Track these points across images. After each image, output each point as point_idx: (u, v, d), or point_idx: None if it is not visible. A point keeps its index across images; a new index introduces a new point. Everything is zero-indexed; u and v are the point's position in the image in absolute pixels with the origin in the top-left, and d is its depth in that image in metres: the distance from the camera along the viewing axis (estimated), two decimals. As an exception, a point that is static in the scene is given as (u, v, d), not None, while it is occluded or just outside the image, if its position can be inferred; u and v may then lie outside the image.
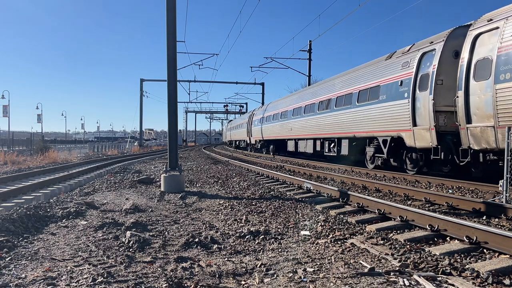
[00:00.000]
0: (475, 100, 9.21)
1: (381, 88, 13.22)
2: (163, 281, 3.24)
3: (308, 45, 32.48)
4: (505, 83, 8.35)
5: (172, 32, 9.39)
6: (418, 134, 11.20)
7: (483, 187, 8.66)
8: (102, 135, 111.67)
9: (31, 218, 5.54)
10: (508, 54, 8.33)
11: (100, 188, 9.77)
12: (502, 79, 8.46)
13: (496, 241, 4.08)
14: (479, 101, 9.08)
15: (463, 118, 9.53)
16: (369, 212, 6.26)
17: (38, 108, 58.46)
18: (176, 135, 9.75)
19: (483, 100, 8.95)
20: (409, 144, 11.70)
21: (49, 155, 22.55)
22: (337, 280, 3.25)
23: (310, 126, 20.01)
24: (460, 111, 9.63)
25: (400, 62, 12.51)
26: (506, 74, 8.41)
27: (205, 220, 5.87)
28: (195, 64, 37.70)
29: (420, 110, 11.16)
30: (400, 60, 12.53)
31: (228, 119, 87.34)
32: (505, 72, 8.43)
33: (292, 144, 23.26)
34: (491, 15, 9.32)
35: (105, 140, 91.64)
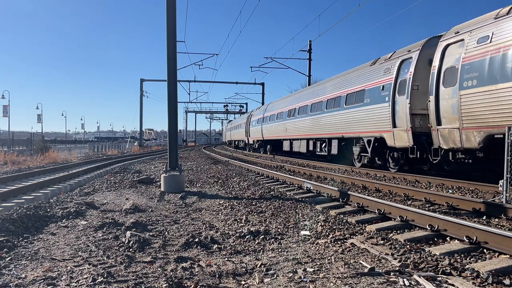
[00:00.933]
0: (444, 104, 10.11)
1: (366, 92, 14.16)
2: (163, 281, 3.24)
3: (308, 45, 32.49)
4: (468, 90, 9.24)
5: (172, 32, 9.39)
6: (397, 135, 12.15)
7: (483, 187, 8.66)
8: (102, 135, 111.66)
9: (31, 218, 5.54)
10: (471, 63, 9.21)
11: (100, 188, 9.77)
12: (465, 86, 9.33)
13: (496, 241, 4.08)
14: (447, 105, 9.98)
15: (434, 120, 10.42)
16: (369, 212, 6.26)
17: (38, 108, 58.56)
18: (176, 135, 9.75)
19: (450, 104, 9.86)
20: (390, 144, 12.60)
21: (49, 155, 22.55)
22: (337, 280, 3.25)
23: (303, 127, 20.99)
24: (431, 114, 10.52)
25: (382, 68, 13.48)
26: (468, 81, 9.26)
27: (205, 220, 5.87)
28: (195, 64, 37.74)
29: (399, 113, 12.12)
30: (383, 66, 13.50)
31: (228, 119, 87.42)
32: (467, 80, 9.28)
33: (287, 144, 24.14)
34: (458, 28, 10.21)
35: (105, 140, 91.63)
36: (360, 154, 14.96)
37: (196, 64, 37.60)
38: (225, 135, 70.10)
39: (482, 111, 8.91)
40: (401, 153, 12.49)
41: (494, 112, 8.63)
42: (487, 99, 8.80)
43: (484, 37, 9.06)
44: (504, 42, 8.47)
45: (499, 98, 8.47)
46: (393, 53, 13.46)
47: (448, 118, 9.96)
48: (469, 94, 9.21)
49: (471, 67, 9.19)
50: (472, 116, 9.14)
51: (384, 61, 13.64)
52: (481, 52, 9.02)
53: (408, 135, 11.60)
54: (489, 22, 9.17)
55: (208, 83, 79.37)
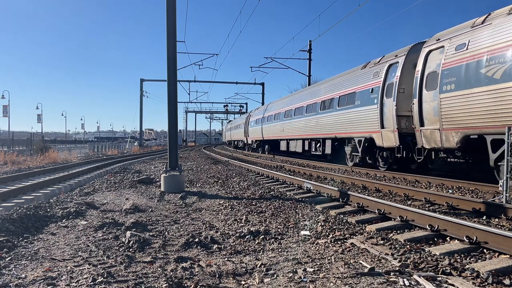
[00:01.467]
0: (426, 107, 10.78)
1: (357, 94, 14.83)
2: (163, 281, 3.24)
3: (308, 45, 32.49)
4: (447, 93, 9.87)
5: (172, 32, 9.39)
6: (385, 135, 12.82)
7: (483, 187, 8.66)
8: (102, 135, 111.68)
9: (31, 218, 5.54)
10: (450, 69, 9.84)
11: (100, 188, 9.77)
12: (445, 89, 9.96)
13: (496, 241, 4.08)
14: (429, 107, 10.63)
15: (417, 121, 11.07)
16: (369, 212, 6.26)
17: (38, 108, 58.51)
18: (176, 135, 9.75)
19: (432, 107, 10.51)
20: (378, 144, 13.26)
21: (49, 155, 22.54)
22: (337, 280, 3.25)
23: (299, 127, 21.69)
24: (415, 115, 11.18)
25: (372, 72, 14.14)
26: (447, 85, 9.88)
27: (205, 220, 5.87)
28: (195, 64, 37.74)
29: (386, 114, 12.80)
30: (372, 70, 14.15)
31: (228, 119, 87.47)
32: (447, 84, 9.92)
33: (284, 144, 24.88)
34: (439, 35, 10.90)
35: (105, 140, 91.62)
36: (351, 154, 15.56)
37: (196, 64, 37.64)
38: (225, 135, 70.31)
39: (459, 114, 9.56)
40: (389, 153, 13.12)
41: (469, 114, 9.27)
42: (463, 102, 9.41)
43: (462, 44, 9.69)
44: (479, 49, 9.09)
45: (474, 102, 9.08)
46: (382, 58, 14.09)
47: (430, 119, 10.59)
48: (448, 97, 9.85)
49: (450, 72, 9.82)
50: (451, 118, 9.78)
51: (373, 65, 14.29)
52: (459, 59, 9.64)
53: (395, 136, 12.26)
54: (466, 31, 9.78)
55: (208, 83, 79.43)
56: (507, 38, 8.43)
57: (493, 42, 8.76)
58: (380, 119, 13.00)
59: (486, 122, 8.79)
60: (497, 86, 8.49)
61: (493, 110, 8.62)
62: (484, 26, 9.21)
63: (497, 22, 8.91)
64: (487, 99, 8.74)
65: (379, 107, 13.06)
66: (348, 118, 15.38)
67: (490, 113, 8.69)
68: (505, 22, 8.67)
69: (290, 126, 23.41)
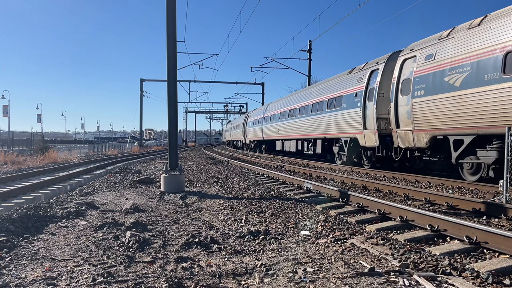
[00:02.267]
0: (401, 110, 11.86)
1: (343, 97, 15.99)
2: (163, 281, 3.24)
3: (308, 45, 32.49)
4: (418, 98, 10.97)
5: (172, 33, 9.39)
6: (367, 136, 13.94)
7: (483, 187, 8.66)
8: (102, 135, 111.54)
9: (31, 218, 5.54)
10: (421, 76, 10.95)
11: (100, 188, 9.77)
12: (416, 95, 11.04)
13: (496, 241, 4.08)
14: (404, 111, 11.72)
15: (394, 123, 12.21)
16: (369, 212, 6.26)
17: (38, 108, 58.53)
18: (176, 135, 9.74)
19: (406, 110, 11.59)
20: (362, 144, 14.38)
21: (49, 155, 22.54)
22: (337, 280, 3.25)
23: (293, 128, 22.84)
24: (392, 118, 12.29)
25: (356, 77, 15.25)
26: (418, 91, 10.98)
27: (205, 220, 5.87)
28: (195, 64, 37.70)
29: (368, 117, 13.86)
30: (356, 76, 15.25)
31: (228, 119, 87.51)
32: (417, 90, 11.02)
33: (280, 144, 26.13)
34: (413, 45, 11.97)
35: (105, 140, 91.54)
36: (339, 153, 16.74)
37: (196, 64, 37.59)
38: (224, 135, 70.73)
39: (428, 117, 10.67)
40: (372, 152, 14.12)
41: (436, 117, 10.38)
42: (431, 107, 10.50)
43: (430, 54, 10.80)
44: (443, 60, 10.18)
45: (439, 106, 10.17)
46: (365, 64, 15.21)
47: (404, 122, 11.70)
48: (418, 102, 10.96)
49: (420, 79, 10.95)
50: (421, 121, 10.91)
51: (358, 71, 15.40)
52: (428, 67, 10.75)
53: (375, 136, 13.38)
54: (434, 42, 10.85)
55: (208, 83, 79.22)
56: (465, 51, 9.50)
57: (454, 54, 9.85)
58: (363, 121, 14.11)
59: (449, 124, 9.93)
60: (457, 93, 9.57)
61: (454, 114, 9.72)
62: (448, 39, 10.30)
63: (458, 36, 9.99)
64: (449, 104, 9.82)
65: (361, 110, 14.18)
66: (336, 120, 16.53)
67: (452, 116, 9.78)
68: (464, 37, 9.75)
69: (284, 127, 24.59)
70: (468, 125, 9.30)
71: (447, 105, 9.88)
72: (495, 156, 8.76)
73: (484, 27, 9.20)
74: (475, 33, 9.40)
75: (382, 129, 13.19)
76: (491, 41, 8.83)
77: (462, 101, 9.40)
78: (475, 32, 9.41)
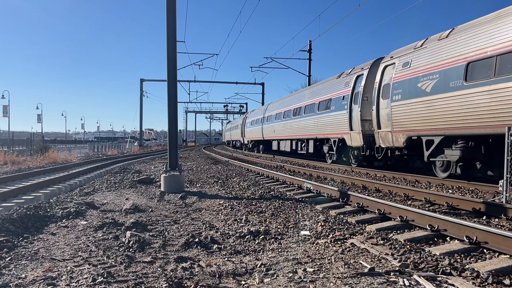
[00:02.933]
0: (382, 113, 12.85)
1: (332, 100, 17.04)
2: (163, 281, 3.24)
3: (308, 45, 32.47)
4: (396, 102, 11.96)
5: (172, 33, 9.39)
6: (353, 136, 14.91)
7: (483, 187, 8.66)
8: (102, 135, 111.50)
9: (31, 218, 5.54)
10: (399, 82, 11.93)
11: (100, 188, 9.77)
12: (394, 99, 12.02)
13: (496, 241, 4.08)
14: (384, 113, 12.69)
15: (375, 125, 13.19)
16: (369, 212, 6.26)
17: (38, 108, 58.47)
18: (176, 135, 9.74)
19: (386, 113, 12.55)
20: (348, 144, 15.37)
21: (49, 155, 22.53)
22: (337, 280, 3.25)
23: (287, 129, 23.89)
24: (374, 120, 13.26)
25: (343, 81, 16.31)
26: (396, 96, 11.94)
27: (205, 220, 5.87)
28: (195, 64, 37.67)
29: (354, 118, 14.82)
30: (344, 80, 16.33)
31: (228, 119, 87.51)
32: (396, 95, 11.98)
33: (276, 144, 27.18)
34: (393, 53, 13.00)
35: (105, 140, 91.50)
36: (328, 152, 17.82)
37: (196, 64, 37.57)
38: (224, 136, 71.10)
39: (404, 119, 11.66)
40: (358, 151, 14.92)
41: (411, 119, 11.37)
42: (406, 110, 11.52)
43: (406, 62, 11.82)
44: (417, 68, 11.17)
45: (413, 110, 11.15)
46: (352, 69, 16.20)
47: (385, 123, 12.69)
48: (396, 105, 11.93)
49: (398, 84, 11.94)
50: (399, 122, 11.89)
51: (345, 76, 16.49)
52: (404, 74, 11.74)
53: (360, 137, 14.34)
54: (410, 51, 11.84)
55: (208, 83, 79.12)
56: (435, 60, 10.45)
57: (426, 62, 10.81)
58: (349, 122, 15.07)
59: (422, 126, 10.90)
60: (428, 98, 10.53)
61: (425, 117, 10.67)
62: (422, 49, 11.30)
63: (430, 46, 10.98)
64: (422, 108, 10.79)
65: (348, 112, 15.15)
66: (325, 121, 17.59)
67: (424, 119, 10.74)
68: (435, 47, 10.72)
69: (280, 128, 25.70)
70: (437, 127, 10.30)
71: (420, 109, 10.89)
72: (459, 154, 9.78)
73: (450, 39, 10.21)
74: (443, 45, 10.42)
75: (366, 130, 14.11)
76: (456, 52, 9.77)
77: (432, 105, 10.40)
78: (444, 43, 10.44)
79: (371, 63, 14.44)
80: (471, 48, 9.27)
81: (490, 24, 8.99)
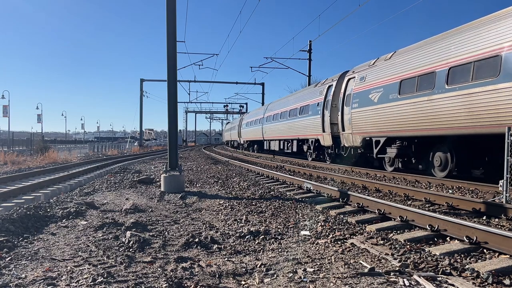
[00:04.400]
0: (345, 118, 15.43)
1: (310, 106, 19.85)
2: (163, 281, 3.24)
3: (308, 45, 32.47)
4: (355, 109, 14.59)
5: (172, 33, 9.39)
6: (325, 137, 17.87)
7: (483, 187, 8.66)
8: (102, 135, 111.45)
9: (31, 218, 5.54)
10: (357, 93, 14.60)
11: (100, 188, 9.77)
12: (354, 107, 14.66)
13: (496, 241, 4.08)
14: (347, 118, 15.31)
15: (340, 128, 15.87)
16: (369, 212, 6.26)
17: (38, 108, 58.38)
18: (176, 135, 9.74)
19: (348, 118, 15.18)
20: (322, 144, 18.35)
21: (49, 155, 22.53)
22: (337, 280, 3.25)
23: (275, 130, 26.89)
24: (339, 123, 15.96)
25: (318, 90, 19.31)
26: (355, 104, 14.61)
27: (205, 220, 5.87)
28: (195, 64, 37.68)
29: (325, 122, 17.63)
30: (319, 89, 19.36)
31: (228, 119, 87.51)
32: (354, 103, 14.64)
33: (267, 144, 29.96)
34: (355, 68, 15.71)
35: (105, 140, 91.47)
36: (308, 151, 20.63)
37: (196, 64, 37.57)
38: (224, 136, 71.34)
39: (361, 123, 14.23)
40: (330, 150, 17.63)
41: (364, 123, 14.00)
42: (362, 116, 14.11)
43: (362, 77, 14.49)
44: (369, 82, 13.87)
45: (366, 116, 13.83)
46: (326, 80, 19.25)
47: (347, 126, 15.26)
48: (355, 112, 14.54)
49: (356, 95, 14.57)
50: (357, 126, 14.48)
51: (320, 85, 19.50)
52: (361, 86, 14.37)
53: (330, 137, 17.27)
54: (366, 68, 14.55)
55: (208, 83, 79.14)
56: (380, 76, 13.20)
57: (375, 78, 13.54)
58: (322, 125, 17.92)
59: (372, 129, 13.60)
60: (375, 107, 13.21)
61: (374, 122, 13.36)
62: (373, 66, 14.02)
63: (379, 64, 13.68)
64: (371, 115, 13.44)
65: (321, 117, 17.92)
66: (305, 124, 20.29)
67: (373, 123, 13.42)
68: (381, 66, 13.44)
69: (269, 129, 28.71)
70: (382, 130, 12.95)
71: (370, 115, 13.53)
72: (396, 152, 12.59)
73: (391, 61, 12.94)
74: (387, 65, 13.13)
75: (334, 132, 16.77)
76: (394, 71, 12.49)
77: (378, 113, 13.07)
78: (387, 63, 13.16)
79: (339, 75, 17.20)
80: (403, 69, 11.96)
81: (417, 50, 11.70)
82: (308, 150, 20.42)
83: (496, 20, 9.06)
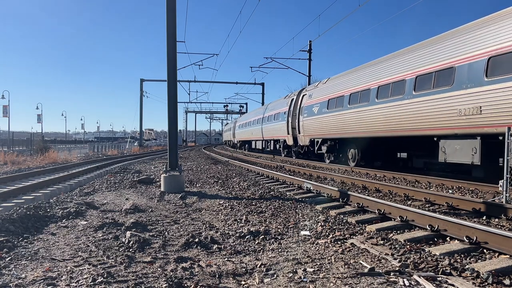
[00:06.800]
0: (300, 124, 20.68)
1: (280, 114, 25.47)
2: (163, 281, 3.24)
3: (308, 45, 32.46)
4: (305, 118, 19.88)
5: (172, 33, 9.38)
6: (289, 138, 23.27)
7: (483, 187, 8.66)
8: (102, 135, 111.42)
9: (31, 218, 5.54)
10: (306, 106, 19.92)
11: (100, 188, 9.77)
12: (304, 116, 19.99)
13: (496, 241, 4.08)
14: (301, 124, 20.54)
15: (297, 131, 21.28)
16: (369, 212, 6.26)
17: (38, 108, 58.40)
18: (176, 135, 9.74)
19: (302, 124, 20.44)
20: (287, 143, 23.91)
21: (49, 155, 22.52)
22: (337, 280, 3.25)
23: (258, 132, 32.42)
24: (297, 128, 21.28)
25: (285, 101, 24.60)
26: (305, 114, 19.97)
27: (205, 220, 5.87)
28: (195, 64, 37.65)
29: (289, 127, 22.82)
30: (286, 101, 24.68)
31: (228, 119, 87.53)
32: (305, 113, 19.98)
33: (254, 143, 35.90)
34: (307, 87, 21.95)
35: (105, 140, 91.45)
36: (279, 149, 26.25)
37: (196, 64, 37.54)
38: (223, 136, 71.84)
39: (308, 128, 19.64)
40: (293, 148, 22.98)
41: (310, 128, 19.38)
42: (308, 123, 19.51)
43: (310, 94, 19.80)
44: (313, 98, 19.15)
45: (311, 123, 19.17)
46: (291, 93, 24.97)
47: (301, 130, 20.52)
48: (305, 120, 19.91)
49: (306, 107, 19.90)
50: (307, 130, 19.80)
51: (287, 98, 24.76)
52: (309, 101, 19.65)
53: (291, 138, 22.77)
54: (313, 88, 20.20)
55: (208, 83, 78.89)
56: (319, 95, 18.47)
57: (317, 96, 18.76)
58: (287, 129, 23.16)
59: (314, 132, 18.98)
60: (315, 117, 18.52)
61: (316, 127, 18.60)
62: (316, 87, 19.48)
63: (320, 86, 19.04)
64: (313, 122, 18.82)
65: (286, 123, 23.21)
66: (277, 127, 25.78)
67: (315, 128, 18.68)
68: (321, 87, 18.82)
69: (254, 131, 34.07)
70: (319, 133, 18.34)
71: (313, 123, 18.91)
72: (326, 149, 17.86)
73: (326, 85, 18.30)
74: (322, 87, 18.57)
75: (295, 134, 22.06)
76: (325, 92, 17.84)
77: (317, 121, 18.40)
78: (323, 86, 18.56)
79: (298, 91, 22.71)
80: (330, 91, 17.30)
81: (341, 77, 17.04)
82: (280, 148, 26.12)
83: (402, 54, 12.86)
